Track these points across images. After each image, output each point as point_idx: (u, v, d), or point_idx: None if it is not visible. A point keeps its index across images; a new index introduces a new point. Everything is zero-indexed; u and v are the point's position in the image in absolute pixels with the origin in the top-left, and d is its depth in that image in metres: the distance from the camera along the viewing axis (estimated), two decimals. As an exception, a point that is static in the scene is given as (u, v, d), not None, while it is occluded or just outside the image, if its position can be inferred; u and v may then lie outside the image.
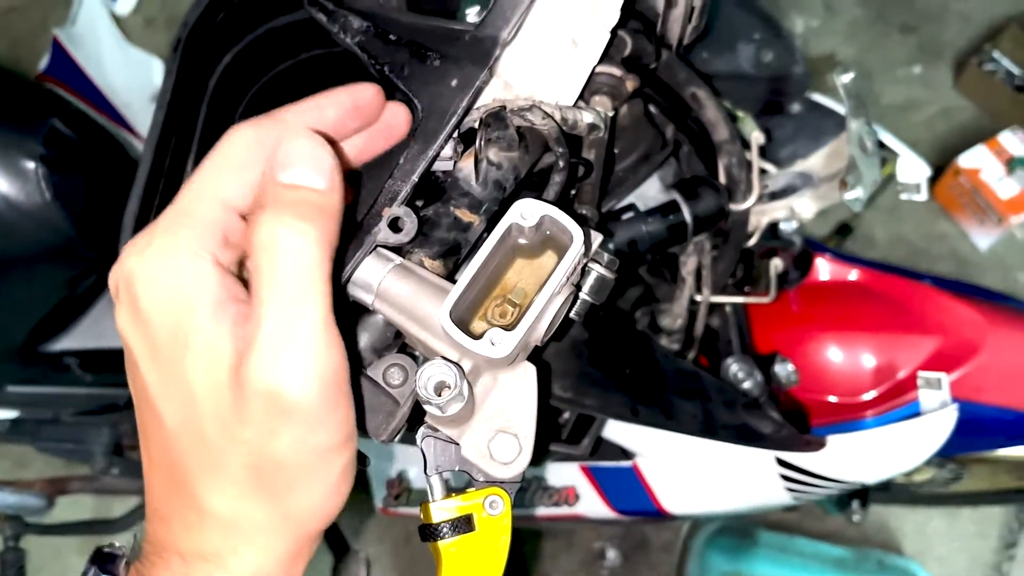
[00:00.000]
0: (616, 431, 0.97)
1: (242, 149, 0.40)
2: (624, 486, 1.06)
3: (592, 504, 1.10)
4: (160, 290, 0.37)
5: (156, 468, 0.41)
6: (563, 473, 1.11)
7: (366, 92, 0.46)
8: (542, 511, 1.14)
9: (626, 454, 1.03)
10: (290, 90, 1.09)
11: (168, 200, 0.92)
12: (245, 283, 0.39)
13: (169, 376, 0.38)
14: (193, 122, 0.95)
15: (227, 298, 0.37)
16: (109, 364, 1.15)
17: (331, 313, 0.37)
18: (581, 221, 0.45)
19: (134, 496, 1.63)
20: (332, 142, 0.42)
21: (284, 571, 0.40)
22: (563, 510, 1.12)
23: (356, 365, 0.46)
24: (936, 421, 0.93)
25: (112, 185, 1.04)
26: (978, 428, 1.05)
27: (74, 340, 1.11)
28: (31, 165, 0.90)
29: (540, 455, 0.94)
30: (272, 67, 1.05)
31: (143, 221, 0.86)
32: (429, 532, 0.46)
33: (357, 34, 0.56)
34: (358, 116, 0.46)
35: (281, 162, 0.38)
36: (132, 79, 2.18)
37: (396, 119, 0.48)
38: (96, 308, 1.11)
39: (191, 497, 0.38)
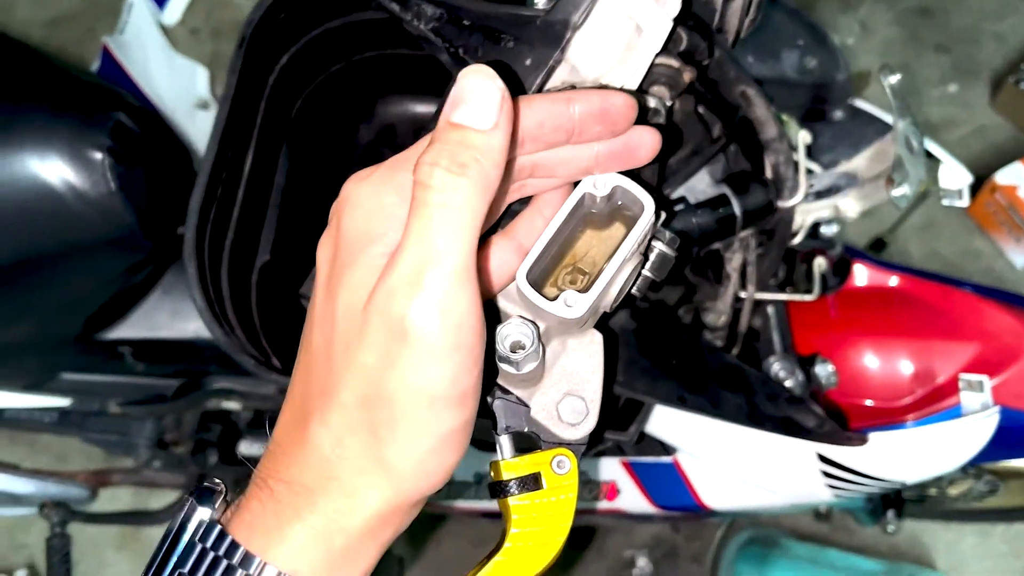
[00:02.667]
0: (657, 426, 0.98)
1: None
2: (665, 481, 1.08)
3: (633, 499, 1.12)
4: (360, 215, 0.39)
5: (292, 397, 0.42)
6: (604, 468, 1.13)
7: (617, 99, 0.44)
8: (583, 505, 1.15)
9: (667, 449, 1.05)
10: (343, 91, 1.12)
11: (230, 190, 0.96)
12: None
13: (329, 297, 0.39)
14: (253, 118, 0.98)
15: None
16: (160, 354, 1.18)
17: (471, 261, 0.37)
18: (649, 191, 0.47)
19: (173, 491, 1.66)
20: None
21: (369, 529, 0.40)
22: (604, 505, 1.14)
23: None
24: (978, 422, 0.93)
25: (171, 179, 1.07)
26: (1018, 435, 1.05)
27: (129, 329, 1.14)
28: (98, 156, 0.93)
29: (596, 441, 0.95)
30: (327, 68, 1.09)
31: (207, 209, 0.89)
32: (498, 488, 0.48)
33: (431, 21, 0.59)
34: (604, 120, 0.44)
35: (452, 99, 0.37)
36: (177, 86, 2.23)
37: (642, 142, 0.47)
38: (150, 299, 1.14)
39: (306, 425, 0.40)
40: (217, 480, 0.42)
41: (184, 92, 2.24)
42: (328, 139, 1.14)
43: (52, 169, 0.92)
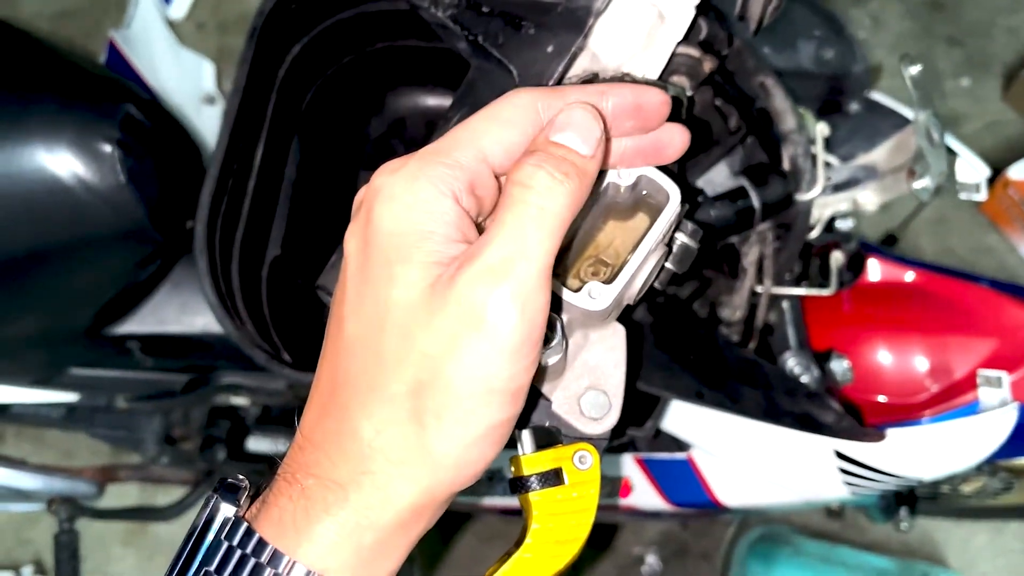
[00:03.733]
0: (671, 422, 0.97)
1: (515, 109, 0.41)
2: (679, 478, 1.07)
3: (646, 496, 1.11)
4: (397, 208, 0.39)
5: (318, 390, 0.41)
6: (617, 464, 1.12)
7: (652, 95, 0.45)
8: (602, 501, 1.14)
9: (681, 446, 1.04)
10: (354, 83, 1.11)
11: (241, 183, 0.95)
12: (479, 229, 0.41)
13: (369, 287, 0.39)
14: (264, 110, 0.97)
15: (458, 237, 0.39)
16: (169, 349, 1.17)
17: (550, 265, 0.38)
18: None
19: (180, 487, 1.66)
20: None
21: (400, 523, 0.39)
22: (617, 502, 1.13)
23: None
24: (996, 418, 0.92)
25: (180, 172, 1.06)
26: (1036, 432, 1.04)
27: (137, 324, 1.13)
28: (107, 148, 0.92)
29: (616, 435, 0.94)
30: (338, 60, 1.08)
31: (218, 202, 0.88)
32: (519, 484, 0.47)
33: (449, 7, 0.58)
34: (637, 116, 0.45)
35: (559, 124, 0.41)
36: (183, 81, 2.22)
37: (672, 141, 0.47)
38: (159, 294, 1.13)
39: (342, 417, 0.39)
40: (240, 476, 0.42)
41: (190, 87, 2.23)
42: (339, 132, 1.13)
43: (61, 161, 0.91)
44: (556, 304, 0.45)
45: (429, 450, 0.38)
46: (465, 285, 0.37)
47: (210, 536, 0.40)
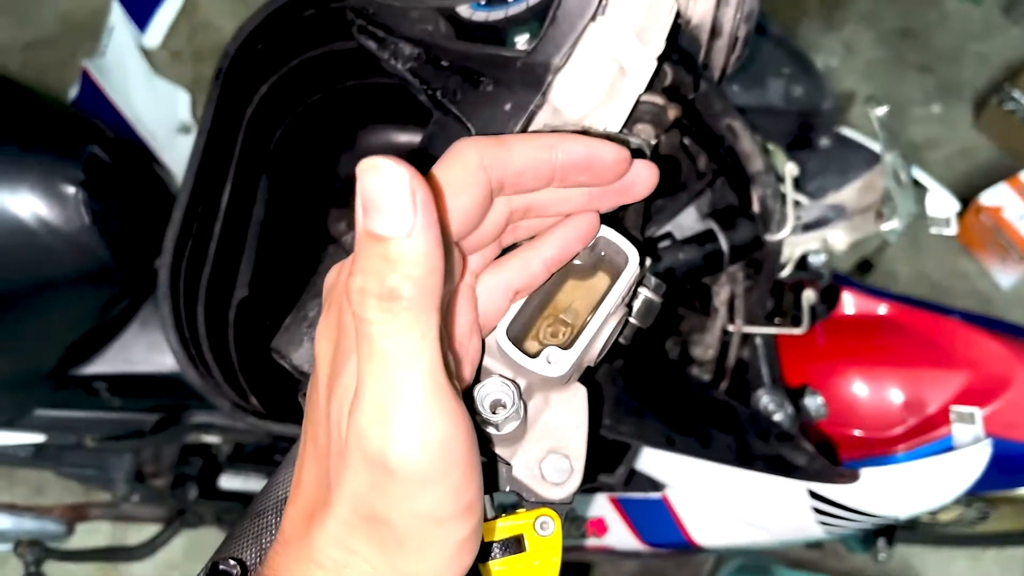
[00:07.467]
0: (646, 462, 0.96)
1: (462, 171, 0.37)
2: (654, 518, 1.05)
3: (621, 536, 1.09)
4: None
5: (299, 488, 0.40)
6: (592, 504, 1.10)
7: (606, 151, 0.41)
8: (571, 542, 1.13)
9: (655, 485, 1.03)
10: (324, 121, 1.11)
11: (207, 225, 0.93)
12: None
13: (329, 397, 0.37)
14: (231, 150, 0.96)
15: None
16: (137, 389, 1.15)
17: (438, 376, 0.34)
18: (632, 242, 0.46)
19: (151, 524, 1.63)
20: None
21: None
22: (592, 542, 1.11)
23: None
24: (970, 456, 0.92)
25: (147, 211, 1.05)
26: (1010, 465, 1.04)
27: (104, 364, 1.11)
28: (71, 190, 0.91)
29: (586, 482, 0.93)
30: (307, 98, 1.07)
31: (183, 245, 0.87)
32: (480, 552, 0.46)
33: (408, 60, 0.57)
34: (589, 172, 0.41)
35: (360, 204, 0.32)
36: (158, 111, 2.21)
37: (638, 178, 0.44)
38: (127, 333, 1.12)
39: (308, 526, 0.37)
40: (232, 561, 0.40)
41: (165, 116, 2.22)
42: (308, 171, 1.12)
43: (24, 204, 0.90)
44: (513, 368, 0.45)
45: (401, 570, 0.36)
46: (356, 438, 0.34)
47: None
